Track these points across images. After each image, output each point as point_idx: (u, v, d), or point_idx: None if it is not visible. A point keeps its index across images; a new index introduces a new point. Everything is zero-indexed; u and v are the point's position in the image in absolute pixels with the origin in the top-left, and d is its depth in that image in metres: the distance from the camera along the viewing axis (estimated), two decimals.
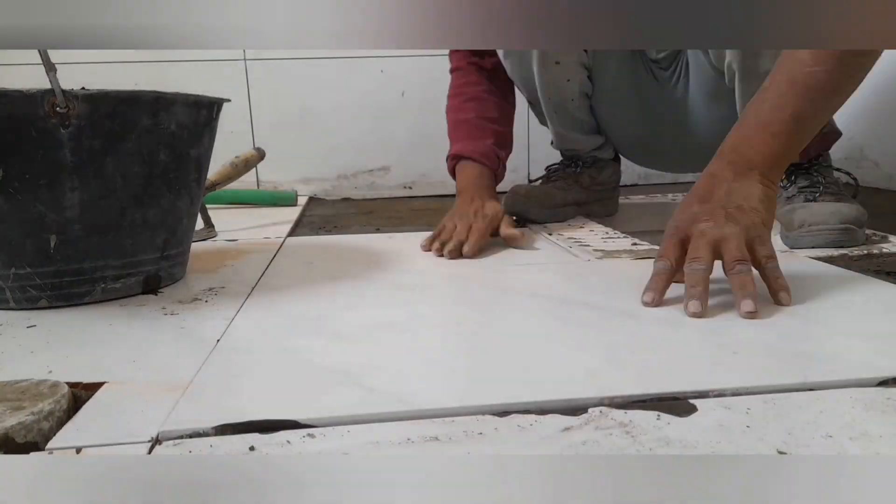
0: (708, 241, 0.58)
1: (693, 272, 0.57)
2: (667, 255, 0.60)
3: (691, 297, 0.55)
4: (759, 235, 0.59)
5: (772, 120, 0.60)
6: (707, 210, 0.60)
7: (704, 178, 0.63)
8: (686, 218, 0.60)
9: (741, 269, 0.56)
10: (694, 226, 0.59)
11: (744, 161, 0.61)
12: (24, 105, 0.58)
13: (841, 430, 0.37)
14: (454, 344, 0.53)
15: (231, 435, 0.38)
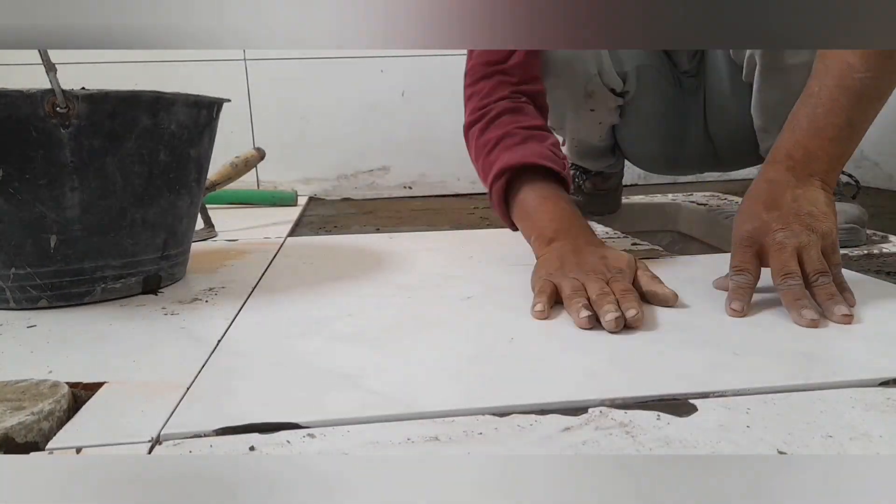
0: (791, 253, 0.57)
1: (790, 289, 0.55)
2: (746, 269, 0.58)
3: (802, 307, 0.54)
4: (832, 242, 0.59)
5: (827, 125, 0.60)
6: (780, 218, 0.58)
7: (764, 184, 0.61)
8: (759, 227, 0.59)
9: (824, 281, 0.56)
10: (770, 236, 0.58)
11: (803, 167, 0.60)
12: (24, 105, 0.58)
13: (841, 430, 0.37)
14: (454, 344, 0.53)
15: (231, 435, 0.38)
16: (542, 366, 0.47)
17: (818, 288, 0.56)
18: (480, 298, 0.66)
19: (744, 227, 0.60)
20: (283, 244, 0.99)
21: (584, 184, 1.17)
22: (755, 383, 0.43)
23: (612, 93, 0.99)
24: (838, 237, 0.84)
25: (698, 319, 0.57)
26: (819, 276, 0.56)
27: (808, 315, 0.53)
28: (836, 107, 0.59)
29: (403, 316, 0.61)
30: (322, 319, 0.60)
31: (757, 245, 0.59)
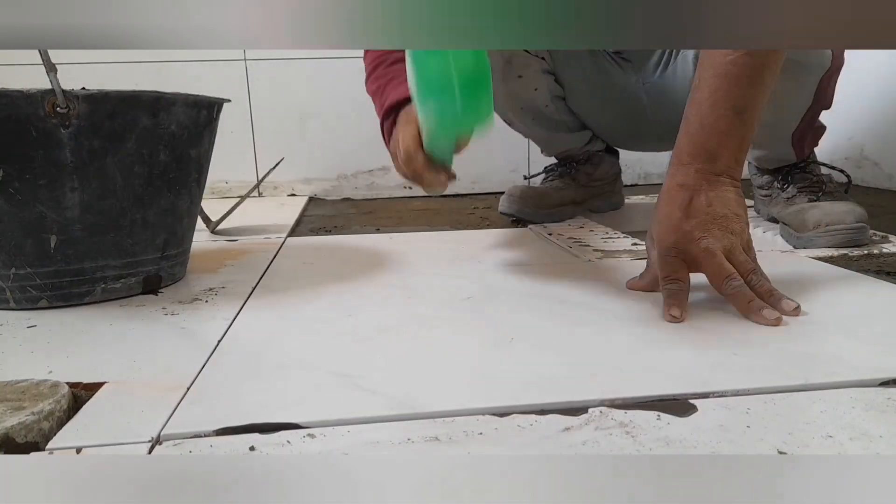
0: (721, 258, 0.58)
1: (737, 290, 0.56)
2: (677, 278, 0.59)
3: (760, 307, 0.55)
4: (747, 240, 0.60)
5: (716, 119, 0.60)
6: (699, 226, 0.59)
7: (676, 189, 0.62)
8: (681, 237, 0.60)
9: (758, 280, 0.58)
10: (694, 244, 0.59)
11: (708, 167, 0.61)
12: (24, 105, 0.58)
13: (841, 430, 0.37)
14: (454, 344, 0.53)
15: (231, 435, 0.38)
16: (541, 366, 0.47)
17: (756, 287, 0.57)
18: (480, 298, 0.66)
19: (668, 240, 0.61)
20: (283, 244, 0.99)
21: (577, 175, 1.17)
22: (755, 383, 0.43)
23: (529, 54, 1.03)
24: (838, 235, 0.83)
25: (698, 320, 0.57)
26: (752, 276, 0.58)
27: (770, 315, 0.54)
28: (719, 97, 0.60)
29: (403, 316, 0.61)
30: (322, 319, 0.60)
31: (682, 254, 0.60)
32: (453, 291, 0.68)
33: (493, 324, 0.58)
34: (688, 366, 0.47)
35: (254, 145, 1.65)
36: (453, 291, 0.68)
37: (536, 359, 0.49)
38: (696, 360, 0.48)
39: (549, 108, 1.09)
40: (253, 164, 1.66)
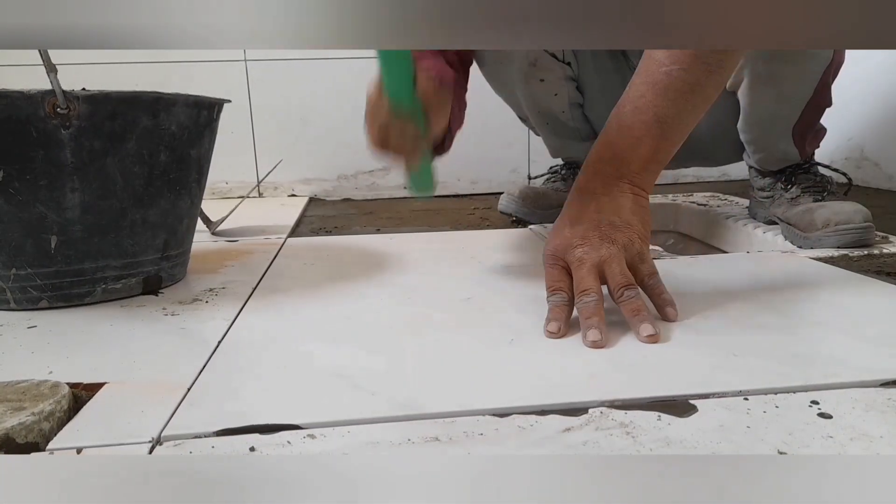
0: (589, 269, 0.55)
1: (585, 306, 0.53)
2: (559, 288, 0.56)
3: (589, 328, 0.51)
4: (637, 252, 0.56)
5: (634, 123, 0.57)
6: (580, 233, 0.56)
7: (573, 193, 0.60)
8: (561, 243, 0.57)
9: (629, 295, 0.54)
10: (570, 252, 0.56)
11: (611, 170, 0.58)
12: (24, 106, 0.58)
13: (841, 430, 0.37)
14: (454, 345, 0.53)
15: (232, 436, 0.38)
16: (542, 366, 0.47)
17: (622, 303, 0.54)
18: (480, 299, 0.66)
19: (549, 246, 0.58)
20: (284, 244, 0.99)
21: None
22: (755, 383, 0.43)
23: (555, 59, 1.02)
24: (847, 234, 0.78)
25: (698, 320, 0.57)
26: (623, 291, 0.54)
27: (592, 336, 0.50)
28: (643, 104, 0.57)
29: (403, 316, 0.61)
30: (322, 320, 0.60)
31: (562, 262, 0.57)
32: (453, 292, 0.68)
33: (493, 324, 0.58)
34: (688, 366, 0.47)
35: (254, 145, 1.66)
36: (453, 292, 0.68)
37: (536, 359, 0.49)
38: (696, 360, 0.48)
39: (564, 115, 1.09)
40: (253, 165, 1.66)
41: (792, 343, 0.50)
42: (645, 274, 0.56)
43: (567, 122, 1.10)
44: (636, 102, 0.58)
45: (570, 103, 1.08)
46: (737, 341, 0.51)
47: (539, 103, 1.08)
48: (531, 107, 1.09)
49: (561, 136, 1.14)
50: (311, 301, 0.67)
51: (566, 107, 1.08)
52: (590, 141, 1.14)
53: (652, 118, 0.57)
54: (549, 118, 1.10)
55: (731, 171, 1.79)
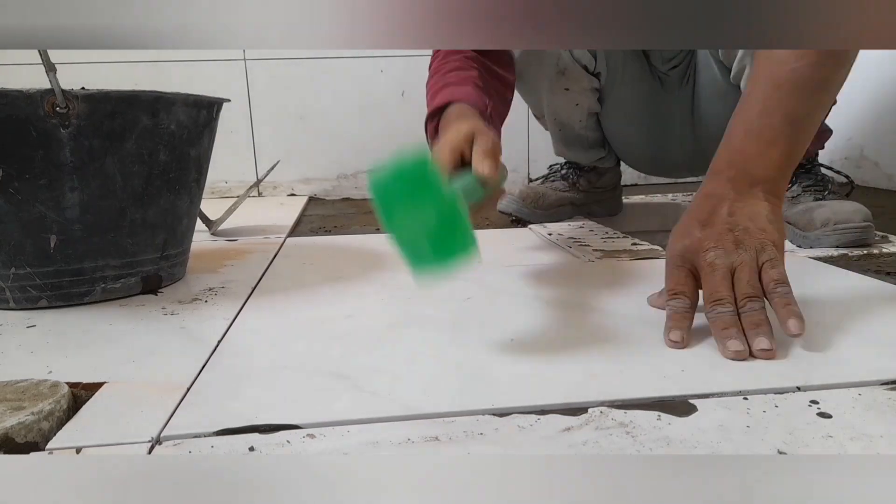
0: (723, 276, 0.51)
1: (720, 317, 0.50)
2: (681, 292, 0.53)
3: (728, 338, 0.48)
4: (769, 259, 0.52)
5: (763, 127, 0.55)
6: (712, 235, 0.53)
7: (702, 198, 0.56)
8: (691, 245, 0.54)
9: (752, 307, 0.50)
10: (701, 255, 0.53)
11: (743, 176, 0.55)
12: (24, 105, 0.58)
13: (841, 430, 0.37)
14: (454, 345, 0.53)
15: (231, 436, 0.38)
16: (541, 366, 0.47)
17: (744, 315, 0.50)
18: (480, 299, 0.66)
19: (676, 246, 0.55)
20: (283, 244, 0.99)
21: (579, 181, 1.17)
22: (755, 383, 0.43)
23: (585, 70, 1.01)
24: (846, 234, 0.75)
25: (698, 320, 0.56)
26: (747, 302, 0.50)
27: (733, 346, 0.47)
28: (771, 106, 0.54)
29: (403, 316, 0.61)
30: (322, 320, 0.60)
31: (689, 264, 0.54)
32: (453, 291, 0.68)
33: (493, 324, 0.58)
34: (688, 366, 0.47)
35: (254, 145, 1.65)
36: (453, 291, 0.68)
37: (536, 359, 0.49)
38: (696, 360, 0.48)
39: (580, 124, 1.09)
40: (253, 164, 1.66)
41: (792, 342, 0.50)
42: (772, 280, 0.51)
43: (580, 130, 1.10)
44: (763, 104, 0.55)
45: (588, 113, 1.08)
46: None
47: (559, 111, 1.07)
48: (550, 113, 1.08)
49: (569, 144, 1.14)
50: (311, 300, 0.67)
51: (584, 116, 1.08)
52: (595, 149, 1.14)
53: (782, 120, 0.54)
54: (564, 127, 1.10)
55: None
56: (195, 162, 0.72)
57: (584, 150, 1.14)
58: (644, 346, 0.51)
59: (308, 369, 0.48)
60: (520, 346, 0.52)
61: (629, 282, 0.70)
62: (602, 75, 1.04)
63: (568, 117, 1.08)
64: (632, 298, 0.63)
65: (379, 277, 0.76)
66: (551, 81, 1.02)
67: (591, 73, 1.03)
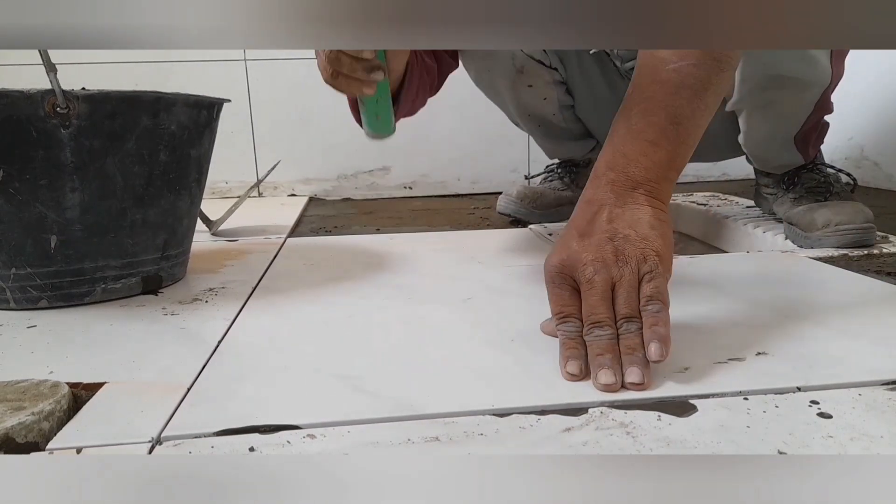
0: (601, 294, 0.47)
1: (597, 340, 0.45)
2: (570, 314, 0.48)
3: (601, 367, 0.44)
4: (649, 271, 0.47)
5: (646, 127, 0.51)
6: (591, 246, 0.48)
7: (582, 205, 0.52)
8: (568, 259, 0.49)
9: (628, 329, 0.46)
10: (580, 269, 0.48)
11: (624, 179, 0.51)
12: (24, 105, 0.58)
13: (841, 430, 0.37)
14: (454, 345, 0.53)
15: (231, 436, 0.38)
16: (542, 366, 0.47)
17: (620, 336, 0.46)
18: (480, 299, 0.66)
19: (553, 261, 0.50)
20: (284, 244, 0.99)
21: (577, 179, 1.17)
22: (755, 383, 0.43)
23: (542, 65, 1.03)
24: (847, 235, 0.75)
25: (698, 320, 0.57)
26: (624, 323, 0.46)
27: (603, 378, 0.43)
28: (653, 105, 0.51)
29: (403, 317, 0.61)
30: (322, 320, 0.60)
31: (570, 280, 0.49)
32: (453, 292, 0.68)
33: (493, 324, 0.58)
34: (688, 366, 0.47)
35: (254, 145, 1.66)
36: (453, 292, 0.68)
37: (537, 359, 0.49)
38: (696, 360, 0.48)
39: (556, 117, 1.10)
40: (253, 165, 1.66)
41: (792, 342, 0.50)
42: (644, 296, 0.47)
43: (559, 123, 1.11)
44: (646, 103, 0.52)
45: (560, 106, 1.08)
46: (737, 341, 0.51)
47: (529, 108, 1.08)
48: (521, 113, 1.09)
49: (554, 138, 1.14)
50: (311, 301, 0.67)
51: (556, 109, 1.09)
52: (584, 140, 1.15)
53: (665, 120, 0.51)
54: (541, 121, 1.10)
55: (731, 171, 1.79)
56: (196, 162, 0.72)
57: (572, 141, 1.14)
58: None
59: (308, 369, 0.48)
60: (520, 346, 0.52)
61: None
62: (560, 70, 1.05)
63: (541, 111, 1.08)
64: None
65: (379, 278, 0.76)
66: (512, 81, 1.03)
67: (549, 67, 1.04)
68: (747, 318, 0.56)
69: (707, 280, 0.69)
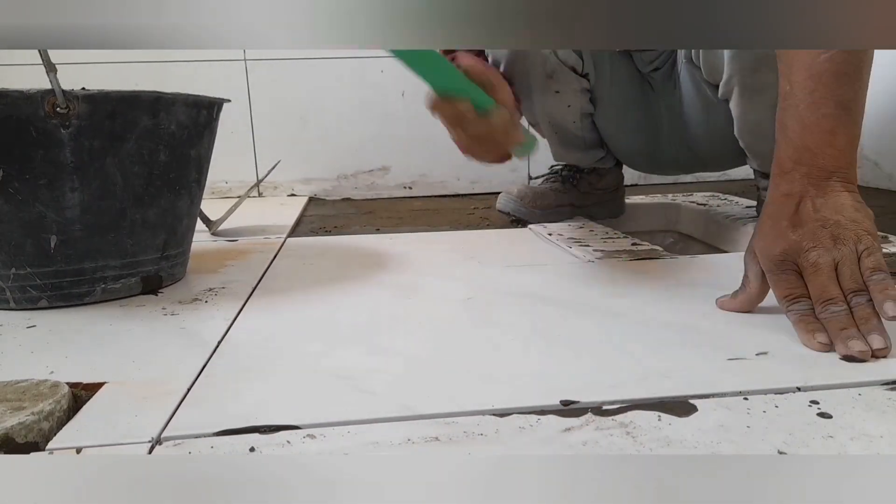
0: (829, 275, 0.51)
1: (835, 316, 0.49)
2: (800, 295, 0.52)
3: (850, 338, 0.48)
4: (866, 248, 0.51)
5: (819, 118, 0.54)
6: (808, 234, 0.53)
7: (781, 199, 0.55)
8: (789, 248, 0.53)
9: (858, 301, 0.50)
10: (803, 255, 0.52)
11: (816, 171, 0.54)
12: (24, 105, 0.58)
13: (841, 430, 0.37)
14: (454, 345, 0.53)
15: (231, 436, 0.38)
16: (542, 366, 0.47)
17: (854, 309, 0.50)
18: (480, 299, 0.66)
19: (773, 250, 0.54)
20: (283, 244, 0.99)
21: (580, 183, 1.17)
22: (755, 383, 0.43)
23: (573, 72, 1.02)
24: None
25: (698, 320, 0.57)
26: (853, 297, 0.50)
27: (855, 346, 0.47)
28: (819, 97, 0.54)
29: (403, 316, 0.61)
30: (322, 320, 0.60)
31: (794, 266, 0.53)
32: (453, 292, 0.68)
33: (493, 324, 0.58)
34: (688, 366, 0.47)
35: (254, 145, 1.65)
36: (453, 292, 0.68)
37: (537, 359, 0.49)
38: (697, 360, 0.48)
39: (575, 125, 1.10)
40: (253, 165, 1.66)
41: (792, 342, 0.50)
42: (867, 268, 0.51)
43: (575, 131, 1.10)
44: (811, 97, 0.54)
45: (581, 114, 1.08)
46: (737, 341, 0.51)
47: (552, 114, 1.08)
48: (543, 117, 1.09)
49: (566, 145, 1.14)
50: (311, 301, 0.67)
51: (577, 118, 1.08)
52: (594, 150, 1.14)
53: (836, 108, 0.54)
54: (559, 129, 1.10)
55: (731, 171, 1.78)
56: (195, 162, 0.72)
57: (581, 151, 1.14)
58: (644, 346, 0.51)
59: (308, 369, 0.48)
60: (520, 346, 0.52)
61: (629, 282, 0.70)
62: (591, 76, 1.05)
63: (562, 119, 1.08)
64: (632, 299, 0.63)
65: (379, 277, 0.76)
66: (541, 85, 1.03)
67: (580, 75, 1.04)
68: (747, 318, 0.56)
69: (707, 280, 0.69)
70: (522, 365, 0.48)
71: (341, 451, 0.36)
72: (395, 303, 0.65)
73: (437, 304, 0.64)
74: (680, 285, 0.62)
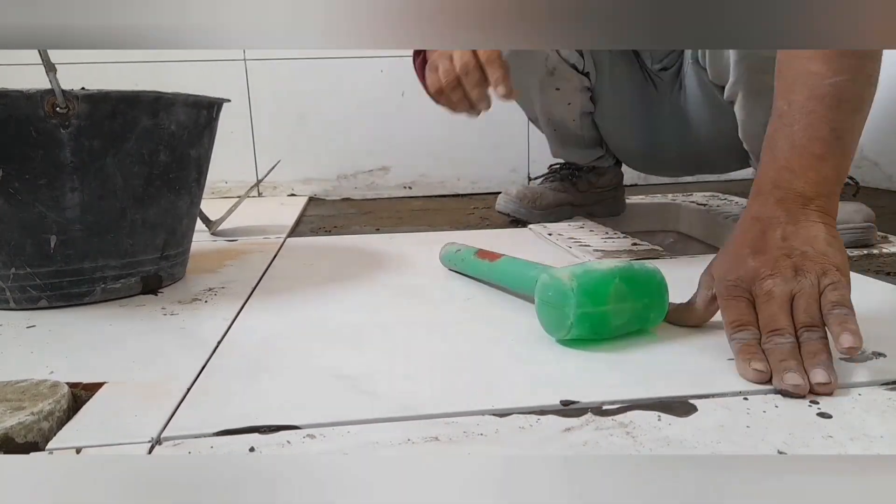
0: (780, 304, 0.47)
1: (778, 347, 0.45)
2: (746, 322, 0.48)
3: (786, 370, 0.43)
4: (831, 283, 0.47)
5: (811, 141, 0.51)
6: (768, 262, 0.49)
7: (749, 222, 0.52)
8: (745, 274, 0.50)
9: (808, 337, 0.46)
10: (758, 283, 0.49)
11: (793, 196, 0.51)
12: (24, 105, 0.58)
13: (841, 430, 0.37)
14: (454, 345, 0.53)
15: (231, 436, 0.38)
16: (542, 366, 0.47)
17: (803, 344, 0.46)
18: (480, 299, 0.66)
19: (729, 275, 0.51)
20: (283, 244, 0.99)
21: (579, 182, 1.17)
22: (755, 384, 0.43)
23: (575, 69, 1.02)
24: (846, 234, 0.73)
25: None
26: (805, 331, 0.46)
27: (790, 380, 0.43)
28: (815, 119, 0.51)
29: (403, 316, 0.61)
30: (322, 320, 0.60)
31: (746, 294, 0.49)
32: (453, 292, 0.68)
33: (493, 324, 0.58)
34: (688, 366, 0.47)
35: (254, 145, 1.65)
36: (453, 292, 0.68)
37: (536, 359, 0.49)
38: (697, 360, 0.48)
39: (574, 123, 1.10)
40: (253, 165, 1.66)
41: None
42: (829, 302, 0.46)
43: (575, 130, 1.11)
44: (807, 118, 0.52)
45: (581, 112, 1.08)
46: None
47: (551, 111, 1.08)
48: (543, 113, 1.09)
49: (565, 143, 1.14)
50: (311, 301, 0.67)
51: (577, 116, 1.09)
52: (593, 148, 1.14)
53: (829, 134, 0.51)
54: (559, 126, 1.10)
55: None
56: (195, 162, 0.72)
57: (580, 149, 1.14)
58: (644, 347, 0.51)
59: (308, 369, 0.48)
60: (520, 345, 0.52)
61: None
62: (592, 75, 1.05)
63: (561, 116, 1.08)
64: None
65: (379, 277, 0.76)
66: (541, 81, 1.03)
67: (581, 73, 1.04)
68: None
69: None
70: (522, 365, 0.48)
71: (341, 451, 0.36)
72: (394, 303, 0.65)
73: (437, 304, 0.64)
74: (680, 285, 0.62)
